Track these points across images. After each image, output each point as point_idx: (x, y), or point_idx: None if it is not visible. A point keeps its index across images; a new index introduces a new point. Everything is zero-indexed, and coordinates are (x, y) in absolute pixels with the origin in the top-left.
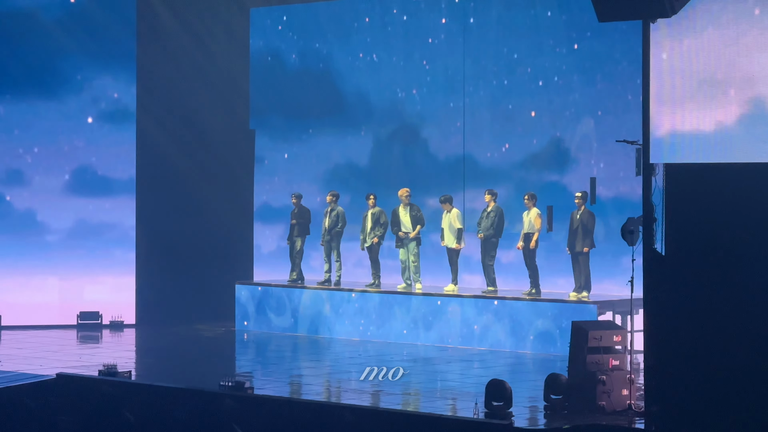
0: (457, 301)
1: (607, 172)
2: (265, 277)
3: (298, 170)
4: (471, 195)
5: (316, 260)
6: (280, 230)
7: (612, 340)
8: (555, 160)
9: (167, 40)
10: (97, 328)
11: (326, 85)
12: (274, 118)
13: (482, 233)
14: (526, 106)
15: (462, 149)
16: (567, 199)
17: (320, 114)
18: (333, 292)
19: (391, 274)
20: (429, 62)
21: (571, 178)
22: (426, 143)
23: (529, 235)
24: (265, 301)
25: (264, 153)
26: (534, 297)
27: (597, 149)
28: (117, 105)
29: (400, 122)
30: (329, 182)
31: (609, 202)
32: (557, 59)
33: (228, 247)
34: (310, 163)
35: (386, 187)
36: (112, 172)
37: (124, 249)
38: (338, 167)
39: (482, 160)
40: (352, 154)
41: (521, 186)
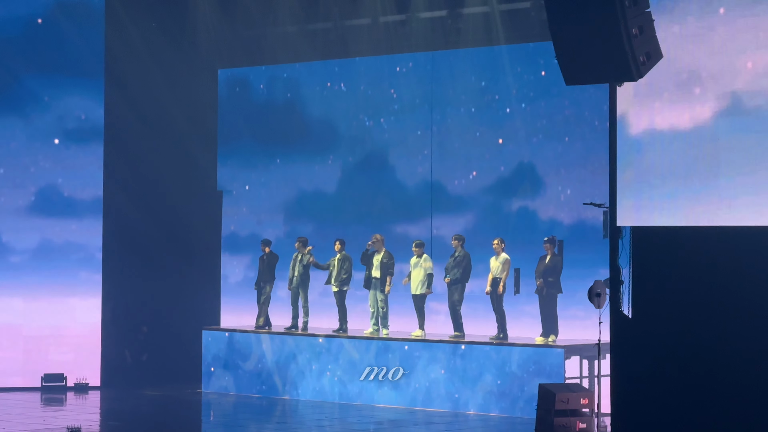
0: (425, 347)
1: (574, 197)
2: (232, 314)
3: (264, 198)
4: (438, 222)
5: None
6: (247, 260)
7: (579, 403)
8: (523, 186)
9: (135, 57)
10: (62, 390)
11: (294, 113)
12: (242, 147)
13: (449, 278)
14: (494, 132)
15: (430, 176)
16: (536, 225)
17: (288, 142)
18: (300, 338)
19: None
20: (396, 90)
21: (540, 203)
22: (393, 170)
23: (497, 280)
24: (232, 347)
25: (231, 181)
26: (501, 341)
27: (564, 175)
28: (84, 124)
29: (368, 150)
30: (296, 211)
31: (575, 229)
32: (524, 86)
33: (195, 279)
34: (277, 191)
35: (352, 215)
36: (78, 193)
37: (90, 271)
38: (305, 195)
39: (450, 187)
40: (320, 182)
41: (489, 212)
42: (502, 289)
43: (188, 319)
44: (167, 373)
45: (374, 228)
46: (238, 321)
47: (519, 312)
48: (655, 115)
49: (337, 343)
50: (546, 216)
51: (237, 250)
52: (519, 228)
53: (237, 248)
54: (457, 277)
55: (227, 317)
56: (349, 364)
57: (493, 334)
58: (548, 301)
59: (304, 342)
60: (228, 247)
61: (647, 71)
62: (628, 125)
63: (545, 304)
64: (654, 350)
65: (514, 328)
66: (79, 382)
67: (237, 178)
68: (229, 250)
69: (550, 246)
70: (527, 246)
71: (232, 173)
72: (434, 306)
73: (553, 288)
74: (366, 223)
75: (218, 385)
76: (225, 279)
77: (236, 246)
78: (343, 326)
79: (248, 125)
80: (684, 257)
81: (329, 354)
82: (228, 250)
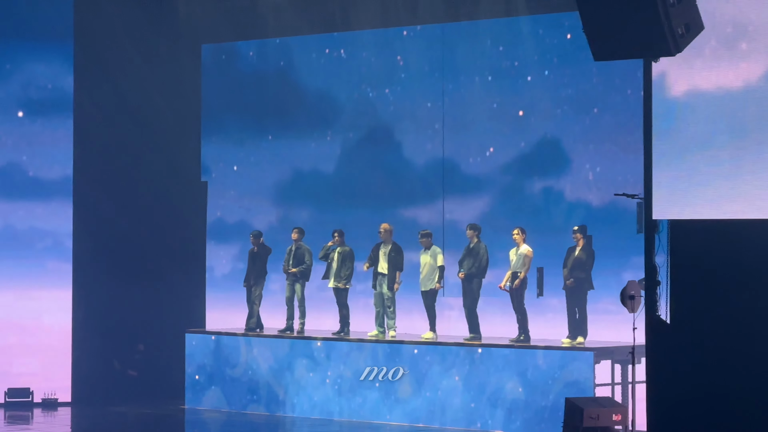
0: (437, 351)
1: (603, 176)
2: (219, 312)
3: (254, 180)
4: (451, 205)
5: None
6: (236, 250)
7: (611, 419)
8: (546, 165)
9: (109, 22)
10: (28, 406)
11: (287, 84)
12: (229, 123)
13: (464, 272)
14: (513, 104)
15: (441, 154)
16: (562, 207)
17: (281, 118)
18: (295, 342)
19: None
20: (403, 57)
21: (565, 183)
22: (400, 148)
23: (517, 275)
24: (219, 352)
25: (216, 161)
26: (522, 344)
27: (593, 151)
28: (51, 95)
29: (371, 125)
30: (290, 194)
31: (605, 212)
32: (547, 51)
33: (176, 271)
34: (269, 172)
35: (354, 199)
36: (45, 172)
37: (59, 260)
38: (300, 176)
39: (464, 166)
40: (317, 161)
41: (508, 194)
42: (518, 283)
43: (169, 319)
44: (146, 385)
45: (378, 213)
46: (225, 322)
47: (542, 310)
48: (695, 75)
49: (338, 348)
50: (573, 197)
51: (224, 239)
52: (542, 211)
53: (224, 237)
54: (473, 271)
55: (213, 316)
56: (352, 372)
57: (514, 336)
58: (577, 299)
59: (300, 347)
60: (214, 236)
61: (686, 45)
62: (665, 87)
63: (573, 302)
64: (695, 360)
65: (538, 328)
66: (47, 398)
67: (223, 157)
68: (215, 239)
69: (581, 236)
70: (552, 233)
71: (217, 152)
72: (447, 303)
73: (583, 284)
74: (369, 208)
75: (203, 398)
76: (210, 271)
77: (223, 234)
78: (345, 328)
79: (236, 97)
80: (730, 255)
81: (329, 360)
82: (214, 238)
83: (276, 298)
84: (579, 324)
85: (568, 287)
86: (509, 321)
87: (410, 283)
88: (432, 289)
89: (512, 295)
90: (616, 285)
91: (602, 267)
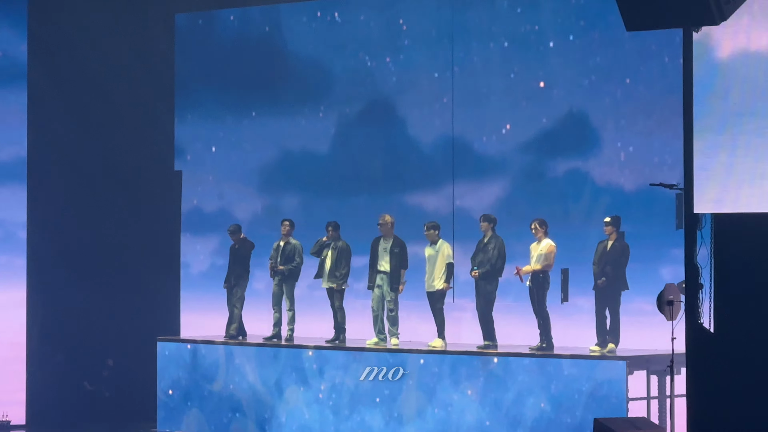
0: (446, 361)
1: (637, 157)
2: (195, 315)
3: (235, 163)
4: (462, 189)
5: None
6: (215, 243)
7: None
8: (571, 143)
9: None
10: None
11: (274, 52)
12: (206, 98)
13: (477, 271)
14: (534, 73)
15: (451, 131)
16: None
17: (266, 91)
18: (283, 351)
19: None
20: (406, 20)
21: (594, 164)
22: (404, 124)
23: (539, 274)
24: (196, 364)
25: (192, 141)
26: (545, 352)
27: (625, 127)
28: (1, 63)
29: (370, 99)
30: (276, 179)
31: (640, 197)
32: (572, 13)
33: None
34: (252, 153)
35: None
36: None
37: (11, 254)
38: (289, 158)
39: (477, 145)
40: (308, 140)
41: (528, 177)
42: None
43: (138, 324)
44: (111, 403)
45: (378, 201)
46: (203, 328)
47: (567, 313)
48: (743, 35)
49: (333, 359)
50: (602, 181)
51: (201, 231)
52: (567, 198)
53: (201, 228)
54: (487, 269)
55: (189, 321)
56: (349, 386)
57: (535, 344)
58: (608, 300)
59: (289, 357)
60: (189, 227)
61: (732, 12)
62: (709, 50)
63: (604, 303)
64: (742, 373)
65: (562, 334)
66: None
67: (200, 137)
68: (191, 231)
69: (613, 228)
70: (578, 223)
71: (193, 132)
72: (458, 306)
73: (615, 283)
74: (368, 194)
75: (177, 418)
76: (186, 268)
77: (200, 225)
78: (340, 336)
79: (214, 68)
80: None
81: (322, 373)
82: (189, 230)
83: (261, 301)
84: (610, 329)
85: (599, 287)
86: (529, 326)
87: (415, 283)
88: (440, 289)
89: (532, 297)
90: (652, 282)
91: (636, 260)
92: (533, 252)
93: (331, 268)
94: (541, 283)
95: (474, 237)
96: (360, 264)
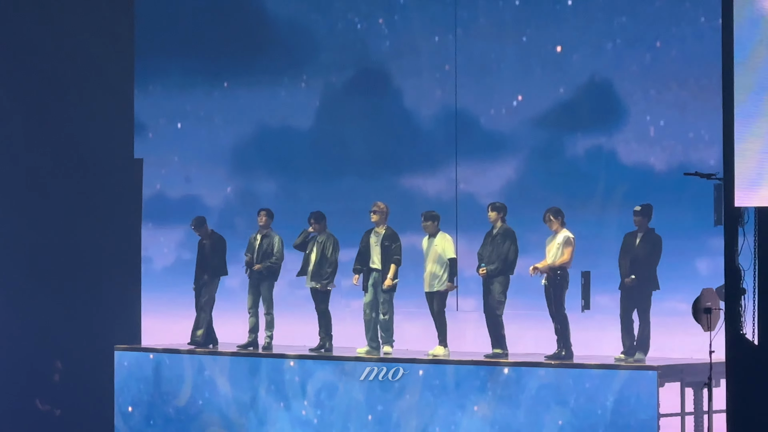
0: (449, 372)
1: (669, 132)
2: (158, 320)
3: (204, 141)
4: (465, 172)
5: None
6: (180, 234)
7: None
8: (593, 117)
9: None
10: None
11: (249, 12)
12: (171, 66)
13: (485, 268)
14: (549, 36)
15: (453, 103)
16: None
17: (240, 58)
18: (261, 361)
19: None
20: None
21: (619, 140)
22: (399, 95)
23: (555, 271)
24: (160, 376)
25: (155, 116)
26: (563, 362)
27: (655, 97)
28: None
29: (361, 66)
30: (251, 159)
31: (671, 178)
32: None
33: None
34: (224, 129)
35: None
36: None
37: None
38: (266, 135)
39: (484, 119)
40: (288, 114)
41: (542, 156)
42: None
43: (93, 330)
44: (62, 422)
45: (369, 185)
46: (167, 333)
47: (589, 316)
48: None
49: (318, 370)
50: (628, 159)
51: (164, 220)
52: (588, 179)
53: (164, 217)
54: (497, 266)
55: (152, 325)
56: (337, 402)
57: (552, 352)
58: (637, 301)
59: (267, 368)
60: (151, 216)
61: None
62: (752, 5)
63: (631, 305)
64: None
65: (583, 340)
66: None
67: (164, 111)
68: (153, 220)
69: (642, 219)
70: (600, 209)
71: (156, 105)
72: (462, 308)
73: (645, 283)
74: (357, 177)
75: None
76: (148, 263)
77: (163, 213)
78: (326, 343)
79: (180, 32)
80: None
81: (305, 386)
82: (152, 220)
83: (235, 302)
84: (639, 335)
85: (626, 286)
86: (545, 331)
87: (412, 281)
88: (440, 291)
89: (549, 298)
90: (687, 278)
91: (669, 251)
92: (549, 246)
93: (315, 266)
94: (558, 282)
95: (480, 227)
96: (350, 258)
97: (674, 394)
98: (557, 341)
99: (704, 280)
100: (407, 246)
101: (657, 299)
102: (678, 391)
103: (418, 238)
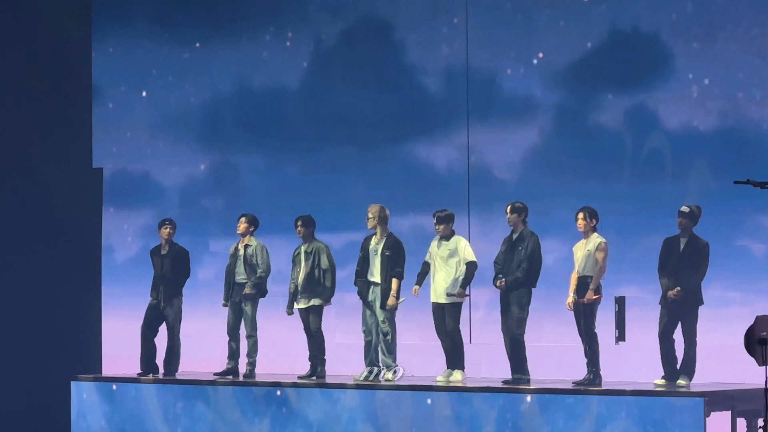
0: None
1: (716, 92)
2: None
3: (173, 111)
4: (479, 140)
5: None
6: (145, 218)
7: None
8: (626, 74)
9: None
10: None
11: None
12: (133, 22)
13: (504, 279)
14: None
15: (464, 62)
16: (649, 142)
17: (214, 13)
18: (243, 390)
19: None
20: None
21: (657, 102)
22: (402, 54)
23: (585, 281)
24: (123, 410)
25: (115, 83)
26: (591, 388)
27: (699, 51)
28: None
29: (356, 18)
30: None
31: (718, 148)
32: None
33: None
34: (196, 97)
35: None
36: None
37: None
38: (245, 103)
39: (498, 79)
40: (271, 78)
41: (566, 123)
42: (593, 296)
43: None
44: None
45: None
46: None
47: None
48: None
49: (309, 399)
50: (671, 124)
51: (126, 202)
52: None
53: (126, 199)
54: (519, 278)
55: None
56: None
57: (580, 377)
58: (680, 318)
59: (250, 398)
60: (113, 199)
61: None
62: None
63: (674, 322)
64: None
65: (614, 362)
66: None
67: (125, 77)
68: (114, 203)
69: (687, 221)
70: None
71: (116, 68)
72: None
73: (690, 297)
74: (354, 147)
75: None
76: (109, 253)
77: (124, 195)
78: (319, 367)
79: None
80: None
81: (294, 418)
82: (113, 203)
83: (209, 315)
84: (683, 358)
85: (669, 300)
86: (572, 352)
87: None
88: (452, 302)
89: (578, 315)
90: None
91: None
92: (578, 253)
93: (305, 281)
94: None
95: (497, 207)
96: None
97: (724, 425)
98: (587, 364)
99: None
100: (408, 228)
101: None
102: (728, 422)
103: (424, 219)
